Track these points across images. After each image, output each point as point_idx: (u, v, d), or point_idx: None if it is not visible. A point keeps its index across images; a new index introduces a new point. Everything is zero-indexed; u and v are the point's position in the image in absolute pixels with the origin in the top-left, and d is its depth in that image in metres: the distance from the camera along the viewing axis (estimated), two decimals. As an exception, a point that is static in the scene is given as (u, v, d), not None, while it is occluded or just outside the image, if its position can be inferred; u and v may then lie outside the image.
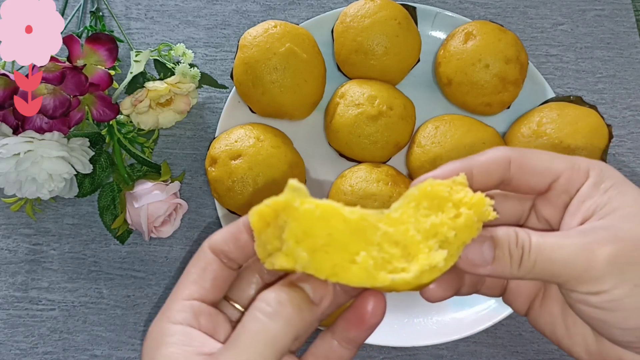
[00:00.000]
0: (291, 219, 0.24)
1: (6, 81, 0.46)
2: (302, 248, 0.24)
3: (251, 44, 0.52)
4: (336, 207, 0.25)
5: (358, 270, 0.24)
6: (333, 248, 0.25)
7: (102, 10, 0.61)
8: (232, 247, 0.28)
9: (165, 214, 0.51)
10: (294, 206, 0.24)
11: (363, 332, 0.28)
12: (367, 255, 0.25)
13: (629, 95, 0.62)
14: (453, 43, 0.54)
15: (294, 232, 0.24)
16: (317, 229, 0.24)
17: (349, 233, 0.25)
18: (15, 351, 0.53)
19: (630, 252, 0.26)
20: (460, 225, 0.26)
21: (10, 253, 0.56)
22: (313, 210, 0.24)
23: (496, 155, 0.29)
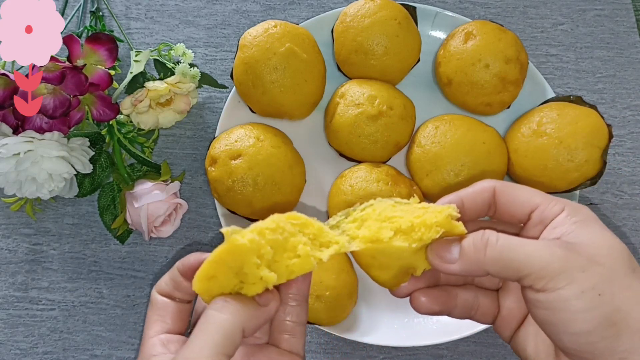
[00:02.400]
0: (240, 256, 0.29)
1: (6, 81, 0.46)
2: (265, 269, 0.29)
3: (251, 44, 0.51)
4: (260, 226, 0.30)
5: (304, 259, 0.30)
6: (278, 256, 0.30)
7: (102, 10, 0.61)
8: (175, 291, 0.33)
9: (165, 213, 0.51)
10: (239, 244, 0.29)
11: (301, 283, 0.33)
12: (303, 246, 0.31)
13: (629, 95, 0.62)
14: (453, 43, 0.54)
15: (250, 262, 0.29)
16: (262, 249, 0.29)
17: (277, 241, 0.30)
18: (15, 351, 0.53)
19: (582, 261, 0.29)
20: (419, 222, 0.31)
21: (10, 253, 0.56)
22: (253, 239, 0.29)
23: (483, 186, 0.33)
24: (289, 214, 0.32)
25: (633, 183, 0.59)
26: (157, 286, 0.33)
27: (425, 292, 0.34)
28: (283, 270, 0.30)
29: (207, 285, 0.30)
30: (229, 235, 0.29)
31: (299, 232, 0.32)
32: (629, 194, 0.59)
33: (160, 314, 0.33)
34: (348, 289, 0.48)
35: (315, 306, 0.46)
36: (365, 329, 0.50)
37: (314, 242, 0.32)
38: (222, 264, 0.29)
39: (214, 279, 0.29)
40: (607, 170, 0.59)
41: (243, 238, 0.29)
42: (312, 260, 0.31)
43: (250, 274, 0.29)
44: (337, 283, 0.47)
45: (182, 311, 0.33)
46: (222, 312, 0.29)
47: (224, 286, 0.30)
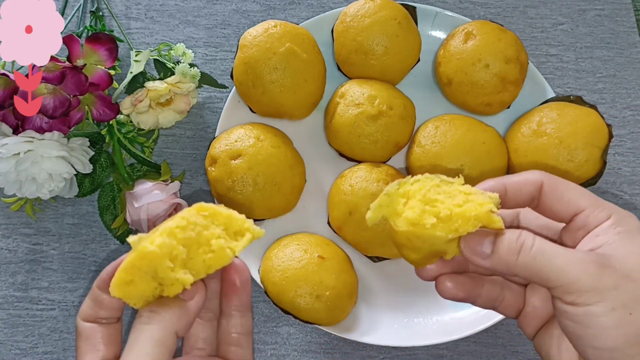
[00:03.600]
0: (152, 261, 0.29)
1: (6, 81, 0.46)
2: (180, 272, 0.29)
3: (251, 44, 0.51)
4: (170, 225, 0.30)
5: (219, 252, 0.31)
6: (193, 253, 0.30)
7: (102, 10, 0.61)
8: (99, 310, 0.32)
9: (165, 213, 0.51)
10: (148, 252, 0.29)
11: (241, 294, 0.34)
12: (216, 240, 0.31)
13: (629, 95, 0.62)
14: (453, 43, 0.54)
15: (164, 267, 0.29)
16: (174, 250, 0.29)
17: (190, 238, 0.30)
18: (15, 351, 0.53)
19: (617, 279, 0.28)
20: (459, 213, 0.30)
21: (10, 253, 0.56)
22: (163, 243, 0.29)
23: (531, 178, 0.32)
24: (197, 206, 0.32)
25: (633, 183, 0.59)
26: (80, 313, 0.32)
27: (452, 278, 0.33)
28: (201, 266, 0.30)
29: (126, 290, 0.30)
30: (136, 244, 0.29)
31: (211, 224, 0.31)
32: (629, 194, 0.59)
33: (90, 342, 0.32)
34: (348, 289, 0.48)
35: (315, 306, 0.46)
36: (365, 329, 0.50)
37: (227, 231, 0.32)
38: (136, 270, 0.29)
39: (132, 283, 0.29)
40: (607, 170, 0.59)
41: (152, 244, 0.29)
42: (228, 252, 0.31)
43: (165, 278, 0.29)
44: (337, 283, 0.47)
45: (111, 334, 0.32)
46: (150, 322, 0.29)
47: (144, 289, 0.30)
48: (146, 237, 0.29)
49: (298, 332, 0.54)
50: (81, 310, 0.32)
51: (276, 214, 0.52)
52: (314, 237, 0.50)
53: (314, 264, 0.47)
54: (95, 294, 0.32)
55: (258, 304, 0.55)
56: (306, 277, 0.46)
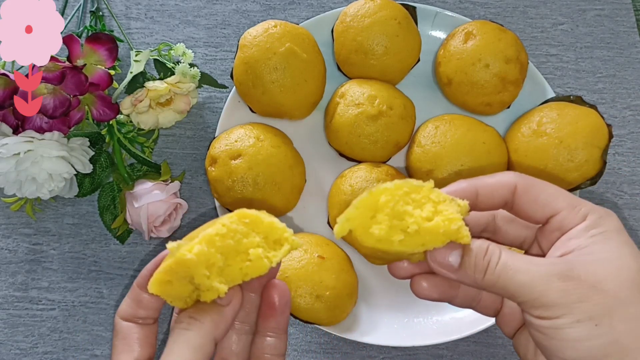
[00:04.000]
0: (189, 268, 0.29)
1: (6, 81, 0.46)
2: (215, 280, 0.30)
3: (251, 44, 0.51)
4: (210, 233, 0.30)
5: (257, 262, 0.31)
6: (231, 260, 0.30)
7: (102, 10, 0.61)
8: (138, 309, 0.32)
9: (165, 213, 0.51)
10: (186, 259, 0.29)
11: (279, 317, 0.34)
12: (254, 250, 0.31)
13: (629, 94, 0.62)
14: (453, 43, 0.54)
15: (200, 274, 0.29)
16: (212, 258, 0.30)
17: (229, 246, 0.31)
18: (15, 351, 0.53)
19: (582, 291, 0.28)
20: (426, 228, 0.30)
21: (10, 253, 0.56)
22: (201, 251, 0.29)
23: (504, 180, 0.31)
24: (239, 212, 0.32)
25: (633, 183, 0.59)
26: (119, 311, 0.33)
27: (427, 278, 0.33)
28: (237, 273, 0.31)
29: (164, 289, 0.30)
30: (175, 251, 0.29)
31: (251, 231, 0.32)
32: (629, 194, 0.59)
33: (126, 342, 0.32)
34: (348, 289, 0.48)
35: (315, 306, 0.46)
36: (365, 329, 0.50)
37: (267, 240, 0.32)
38: (173, 274, 0.30)
39: (170, 284, 0.30)
40: (607, 170, 0.59)
41: (190, 252, 0.29)
42: (266, 262, 0.31)
43: (201, 284, 0.30)
44: (337, 283, 0.47)
45: (148, 335, 0.33)
46: (189, 328, 0.30)
47: (181, 291, 0.30)
48: (185, 244, 0.30)
49: (298, 332, 0.54)
50: (120, 308, 0.33)
51: (276, 214, 0.52)
52: (314, 237, 0.50)
53: (314, 264, 0.47)
54: (136, 292, 0.32)
55: (258, 304, 0.55)
56: (306, 277, 0.46)
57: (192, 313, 0.30)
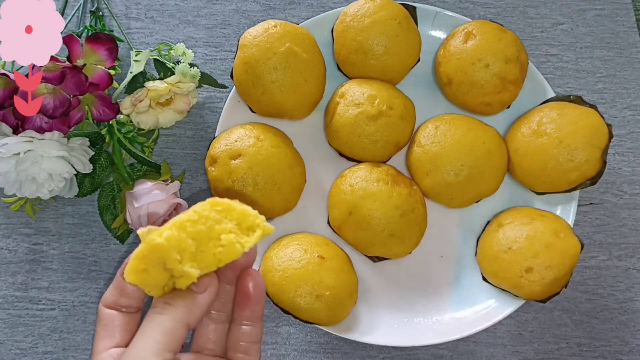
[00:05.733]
0: (160, 253, 0.30)
1: (6, 81, 0.46)
2: (187, 265, 0.30)
3: (251, 44, 0.51)
4: (181, 219, 0.31)
5: (229, 247, 0.31)
6: (204, 246, 0.31)
7: (102, 9, 0.61)
8: (120, 297, 0.33)
9: (166, 213, 0.51)
10: (155, 244, 0.29)
11: (254, 305, 0.34)
12: (226, 236, 0.31)
13: (629, 94, 0.62)
14: (453, 43, 0.54)
15: (171, 258, 0.30)
16: (183, 243, 0.30)
17: (201, 232, 0.31)
18: (15, 351, 0.53)
19: None
20: None
21: (10, 253, 0.56)
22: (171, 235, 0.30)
23: None
24: (211, 200, 0.32)
25: (633, 183, 0.59)
26: (103, 299, 0.33)
27: None
28: (211, 259, 0.31)
29: (140, 277, 0.30)
30: (145, 236, 0.30)
31: (224, 218, 0.32)
32: (629, 194, 0.59)
33: (108, 328, 0.33)
34: (348, 288, 0.48)
35: (315, 306, 0.46)
36: (365, 329, 0.50)
37: (240, 226, 0.32)
38: (147, 260, 0.30)
39: (146, 272, 0.30)
40: (607, 170, 0.59)
41: (160, 237, 0.29)
42: (238, 247, 0.31)
43: (174, 269, 0.30)
44: (337, 283, 0.47)
45: (129, 322, 0.33)
46: (163, 312, 0.31)
47: (157, 278, 0.31)
48: (155, 230, 0.30)
49: (298, 332, 0.54)
50: (104, 296, 0.33)
51: (276, 214, 0.52)
52: (314, 237, 0.50)
53: (314, 264, 0.47)
54: (119, 281, 0.33)
55: (258, 304, 0.55)
56: (306, 277, 0.46)
57: (167, 299, 0.31)
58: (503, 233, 0.49)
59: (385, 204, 0.48)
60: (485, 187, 0.52)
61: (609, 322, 0.55)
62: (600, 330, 0.55)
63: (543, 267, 0.46)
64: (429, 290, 0.53)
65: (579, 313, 0.55)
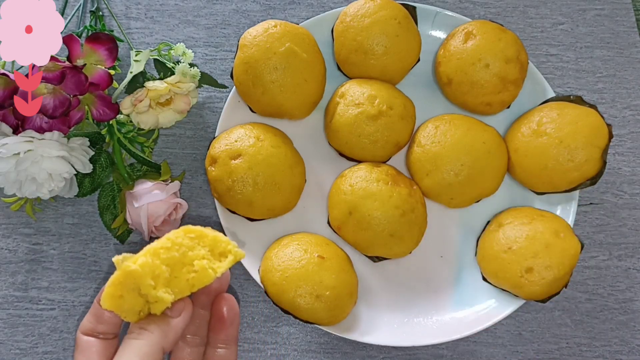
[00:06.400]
0: (135, 279, 0.31)
1: (6, 81, 0.46)
2: (161, 290, 0.32)
3: (251, 44, 0.51)
4: (155, 246, 0.32)
5: (202, 273, 0.33)
6: (177, 272, 0.33)
7: (102, 9, 0.61)
8: (98, 324, 0.34)
9: (165, 213, 0.51)
10: (130, 270, 0.31)
11: (228, 329, 0.36)
12: (199, 261, 0.33)
13: (629, 94, 0.62)
14: (453, 42, 0.54)
15: (145, 284, 0.31)
16: (157, 270, 0.32)
17: (174, 258, 0.33)
18: (15, 351, 0.53)
19: None
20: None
21: (10, 253, 0.56)
22: (145, 262, 0.31)
23: None
24: (184, 228, 0.34)
25: (633, 183, 0.59)
26: (81, 326, 0.34)
27: None
28: (184, 285, 0.33)
29: (116, 303, 0.32)
30: (120, 263, 0.31)
31: (197, 245, 0.34)
32: (629, 194, 0.59)
33: (86, 355, 0.33)
34: (348, 288, 0.48)
35: (315, 306, 0.46)
36: (365, 329, 0.50)
37: (213, 252, 0.34)
38: (122, 287, 0.31)
39: (122, 298, 0.31)
40: (607, 170, 0.59)
41: (134, 264, 0.31)
42: (211, 272, 0.33)
43: (148, 295, 0.31)
44: (337, 283, 0.47)
45: (107, 349, 0.34)
46: (138, 337, 0.32)
47: (133, 304, 0.32)
48: (130, 257, 0.31)
49: (298, 332, 0.54)
50: (82, 324, 0.34)
51: (276, 214, 0.52)
52: (314, 237, 0.50)
53: (314, 263, 0.47)
54: (96, 308, 0.34)
55: (258, 304, 0.55)
56: (306, 277, 0.46)
57: (142, 324, 0.32)
58: (503, 233, 0.49)
59: (385, 204, 0.48)
60: (485, 187, 0.52)
61: (609, 322, 0.55)
62: (600, 330, 0.55)
63: (543, 267, 0.46)
64: (429, 290, 0.53)
65: (579, 313, 0.55)
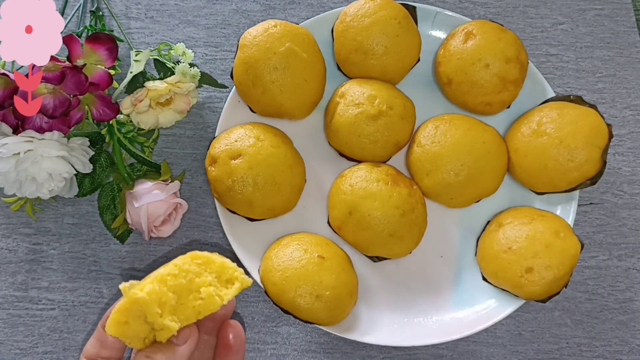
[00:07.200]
0: (142, 307, 0.31)
1: (6, 81, 0.46)
2: (167, 318, 0.32)
3: (251, 44, 0.51)
4: (162, 273, 0.32)
5: (209, 300, 0.33)
6: (184, 299, 0.33)
7: (102, 9, 0.61)
8: (101, 349, 0.34)
9: (165, 213, 0.51)
10: (137, 298, 0.31)
11: (235, 356, 0.36)
12: (205, 289, 0.33)
13: (629, 94, 0.62)
14: (453, 42, 0.54)
15: (152, 312, 0.31)
16: (163, 297, 0.32)
17: (181, 285, 0.33)
18: (15, 351, 0.53)
19: None
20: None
21: (10, 252, 0.56)
22: (152, 290, 0.31)
23: None
24: (192, 254, 0.34)
25: (633, 183, 0.59)
26: (84, 351, 0.35)
27: None
28: (190, 312, 0.33)
29: (122, 330, 0.32)
30: (127, 290, 0.31)
31: (204, 271, 0.34)
32: (629, 194, 0.59)
33: None
34: (348, 288, 0.48)
35: (315, 306, 0.46)
36: (365, 329, 0.50)
37: (219, 278, 0.34)
38: (128, 313, 0.31)
39: (127, 324, 0.31)
40: (607, 170, 0.59)
41: (141, 291, 0.31)
42: (217, 300, 0.33)
43: (155, 323, 0.31)
44: (337, 283, 0.47)
45: None
46: None
47: (138, 331, 0.32)
48: (137, 284, 0.31)
49: (298, 332, 0.54)
50: (85, 348, 0.34)
51: (276, 214, 0.52)
52: (314, 237, 0.50)
53: (314, 263, 0.47)
54: (100, 332, 0.34)
55: (258, 304, 0.55)
56: (306, 277, 0.46)
57: (148, 352, 0.32)
58: (503, 233, 0.49)
59: (385, 204, 0.48)
60: (485, 187, 0.52)
61: (609, 322, 0.55)
62: (600, 330, 0.55)
63: (543, 267, 0.46)
64: (429, 290, 0.53)
65: (579, 313, 0.55)
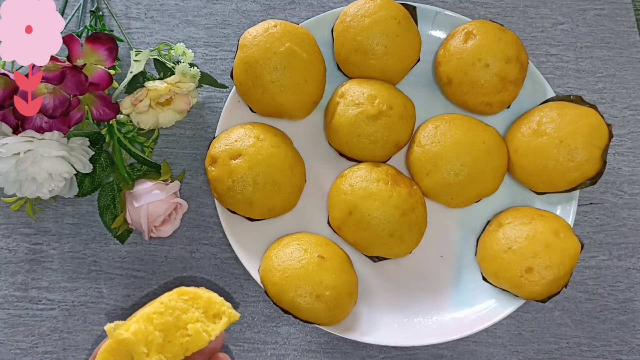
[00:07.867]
0: (128, 346, 0.31)
1: (6, 81, 0.46)
2: (154, 358, 0.32)
3: (251, 44, 0.51)
4: (148, 311, 0.32)
5: (196, 336, 0.33)
6: (171, 336, 0.33)
7: (102, 9, 0.61)
8: None
9: (165, 213, 0.51)
10: (122, 339, 0.31)
11: None
12: (193, 325, 0.33)
13: (629, 94, 0.62)
14: (453, 42, 0.54)
15: (138, 352, 0.31)
16: (150, 336, 0.32)
17: (168, 322, 0.33)
18: (15, 351, 0.53)
19: None
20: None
21: (10, 252, 0.56)
22: (138, 329, 0.31)
23: None
24: (178, 290, 0.34)
25: (633, 183, 0.59)
26: None
27: None
28: (178, 349, 0.33)
29: None
30: (112, 331, 0.31)
31: (191, 307, 0.34)
32: (629, 194, 0.59)
33: None
34: (348, 288, 0.48)
35: (315, 306, 0.46)
36: (365, 329, 0.50)
37: (206, 313, 0.34)
38: (115, 353, 0.31)
39: None
40: (607, 170, 0.59)
41: (127, 331, 0.31)
42: (205, 336, 0.33)
43: None
44: (337, 283, 0.47)
45: None
46: None
47: None
48: (123, 324, 0.31)
49: (298, 332, 0.54)
50: None
51: (276, 214, 0.52)
52: (314, 237, 0.50)
53: (314, 263, 0.47)
54: None
55: (258, 304, 0.55)
56: (306, 277, 0.46)
57: None
58: (503, 233, 0.49)
59: (385, 204, 0.48)
60: (485, 187, 0.52)
61: (609, 322, 0.55)
62: (600, 330, 0.55)
63: (543, 267, 0.46)
64: (429, 290, 0.53)
65: (579, 313, 0.55)
